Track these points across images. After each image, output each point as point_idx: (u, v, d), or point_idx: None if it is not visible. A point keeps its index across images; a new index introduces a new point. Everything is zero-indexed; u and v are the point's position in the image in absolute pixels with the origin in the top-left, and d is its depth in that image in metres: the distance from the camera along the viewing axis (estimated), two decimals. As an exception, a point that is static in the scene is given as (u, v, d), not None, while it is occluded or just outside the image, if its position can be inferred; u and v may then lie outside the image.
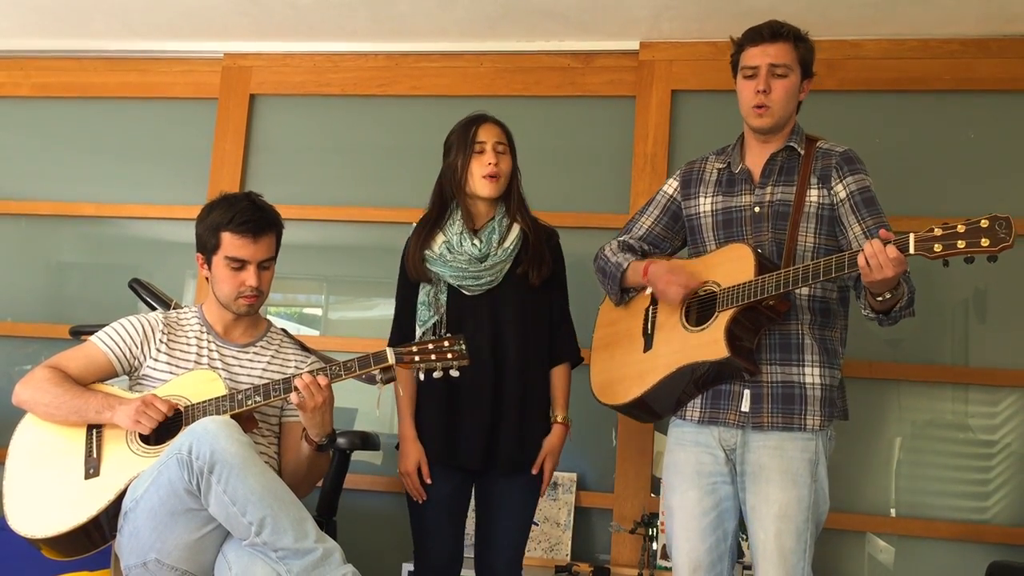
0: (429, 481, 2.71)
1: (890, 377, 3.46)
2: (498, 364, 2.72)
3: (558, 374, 2.82)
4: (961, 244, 2.07)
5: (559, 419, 2.79)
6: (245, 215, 2.60)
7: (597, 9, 3.57)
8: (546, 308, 2.81)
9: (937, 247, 2.10)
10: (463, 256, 2.74)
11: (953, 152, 3.55)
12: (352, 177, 4.01)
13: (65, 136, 4.28)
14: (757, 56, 2.52)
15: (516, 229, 2.79)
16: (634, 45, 3.77)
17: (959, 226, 2.08)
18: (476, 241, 2.75)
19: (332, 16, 3.78)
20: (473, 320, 2.73)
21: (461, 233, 2.76)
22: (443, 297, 2.77)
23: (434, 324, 2.75)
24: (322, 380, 2.46)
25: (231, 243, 2.59)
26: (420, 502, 2.73)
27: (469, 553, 2.85)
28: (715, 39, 3.68)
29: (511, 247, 2.76)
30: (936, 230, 2.11)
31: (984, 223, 2.06)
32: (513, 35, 3.83)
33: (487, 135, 2.79)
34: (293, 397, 2.46)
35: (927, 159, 3.55)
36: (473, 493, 2.84)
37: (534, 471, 2.74)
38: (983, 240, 2.05)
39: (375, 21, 3.80)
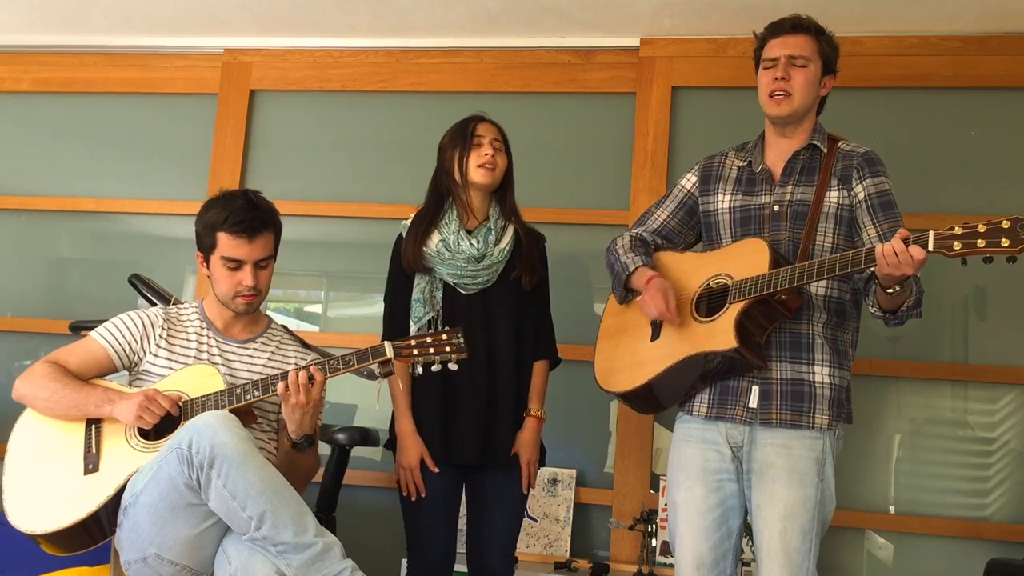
0: (436, 470, 2.72)
1: (889, 374, 3.46)
2: (492, 362, 2.75)
3: (537, 370, 2.84)
4: (981, 243, 2.07)
5: (532, 412, 2.81)
6: (240, 215, 2.58)
7: (598, 5, 3.57)
8: (534, 309, 2.85)
9: (956, 245, 2.09)
10: (461, 255, 2.77)
11: (954, 149, 3.54)
12: (352, 173, 4.01)
13: (65, 131, 4.28)
14: (777, 48, 2.54)
15: (511, 231, 2.83)
16: (634, 41, 3.77)
17: (980, 226, 2.07)
18: (473, 240, 2.78)
19: (332, 12, 3.78)
20: (467, 319, 2.75)
21: (457, 232, 2.80)
22: (439, 294, 2.80)
23: (429, 321, 2.77)
24: (317, 375, 2.46)
25: (227, 243, 2.59)
26: (414, 499, 2.74)
27: (461, 549, 2.86)
28: (716, 36, 3.68)
29: (507, 248, 2.80)
30: (956, 228, 2.10)
31: (1005, 224, 2.05)
32: (513, 31, 3.82)
33: (485, 131, 2.84)
34: (280, 386, 2.46)
35: (928, 156, 3.54)
36: (464, 490, 2.85)
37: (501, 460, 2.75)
38: (1003, 240, 2.04)
39: (376, 17, 3.79)
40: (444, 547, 2.77)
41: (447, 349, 2.50)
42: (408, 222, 2.87)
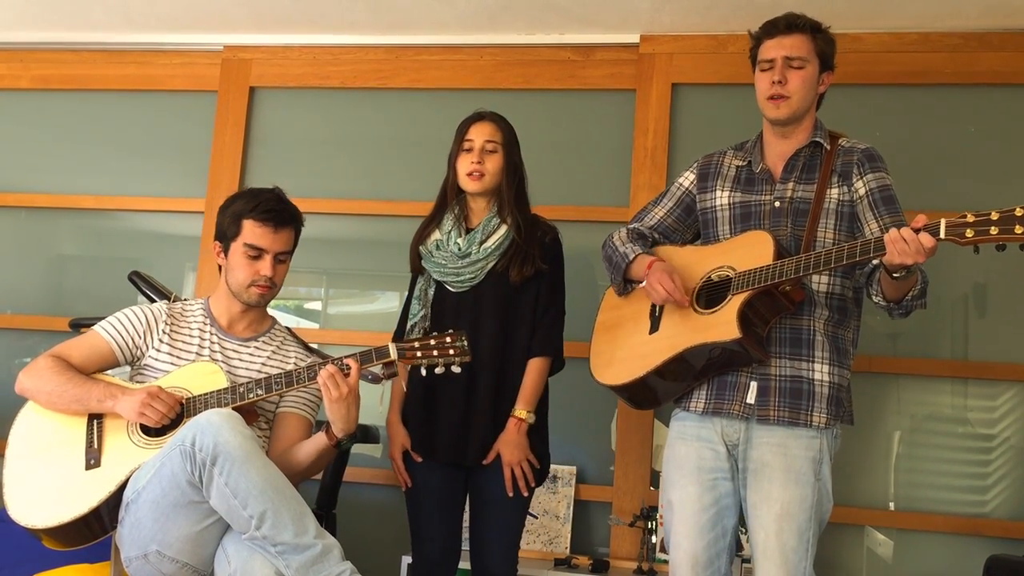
0: (419, 459, 2.75)
1: (889, 371, 3.46)
2: (473, 360, 2.69)
3: (529, 368, 2.78)
4: (994, 231, 2.07)
5: (514, 413, 2.74)
6: (269, 204, 2.65)
7: (597, 2, 3.56)
8: (527, 305, 2.79)
9: (969, 233, 2.09)
10: (446, 253, 2.79)
11: (954, 146, 3.54)
12: (352, 170, 4.01)
13: (65, 129, 4.27)
14: (773, 49, 2.51)
15: (503, 229, 2.80)
16: (634, 38, 3.77)
17: (992, 213, 2.08)
18: (460, 240, 2.79)
19: (332, 8, 3.78)
20: (454, 316, 2.76)
21: (450, 231, 2.81)
22: (431, 292, 2.83)
23: (421, 317, 2.80)
24: (352, 364, 2.45)
25: (252, 231, 2.62)
26: (405, 489, 2.78)
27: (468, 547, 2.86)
28: (716, 32, 3.67)
29: (493, 246, 2.78)
30: (969, 216, 2.10)
31: (1019, 211, 2.05)
32: (513, 28, 3.82)
33: (476, 133, 2.82)
34: (321, 381, 2.44)
35: (927, 153, 3.54)
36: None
37: (485, 462, 2.72)
38: (1017, 228, 2.04)
39: (375, 13, 3.79)
40: (443, 544, 2.77)
41: (451, 352, 2.50)
42: None
